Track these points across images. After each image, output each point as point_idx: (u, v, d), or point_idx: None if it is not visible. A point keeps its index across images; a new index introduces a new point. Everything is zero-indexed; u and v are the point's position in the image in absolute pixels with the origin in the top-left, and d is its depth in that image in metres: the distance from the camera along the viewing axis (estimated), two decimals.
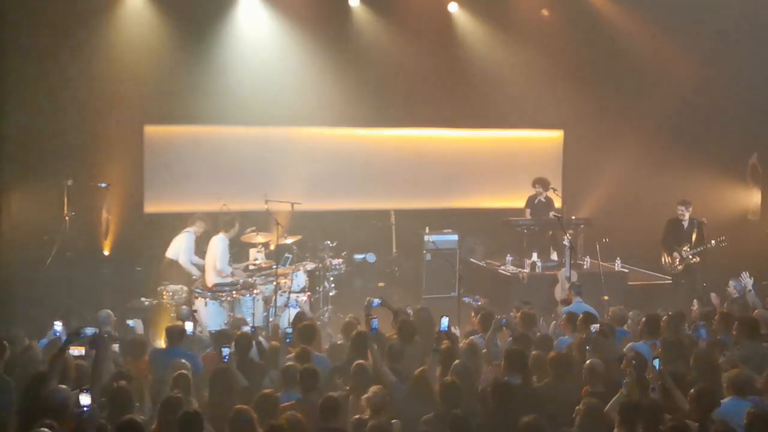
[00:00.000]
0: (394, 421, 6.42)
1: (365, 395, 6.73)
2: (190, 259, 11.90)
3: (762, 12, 13.93)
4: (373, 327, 8.34)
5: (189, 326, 8.90)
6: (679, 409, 6.69)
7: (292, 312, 11.08)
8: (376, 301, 9.06)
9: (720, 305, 10.59)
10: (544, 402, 6.99)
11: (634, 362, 6.95)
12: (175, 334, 8.46)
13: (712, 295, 11.19)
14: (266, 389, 7.02)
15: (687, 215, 12.76)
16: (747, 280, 10.50)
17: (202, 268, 11.86)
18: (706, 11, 14.07)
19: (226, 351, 7.57)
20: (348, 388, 7.38)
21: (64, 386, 6.50)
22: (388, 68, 14.66)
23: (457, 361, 7.41)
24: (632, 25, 14.88)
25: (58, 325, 8.33)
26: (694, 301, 10.81)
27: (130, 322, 10.25)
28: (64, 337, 7.89)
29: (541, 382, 7.43)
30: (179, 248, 11.87)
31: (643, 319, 8.77)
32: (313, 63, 14.19)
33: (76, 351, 7.18)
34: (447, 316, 8.13)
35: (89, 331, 7.04)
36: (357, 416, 6.64)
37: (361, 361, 7.47)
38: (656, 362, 6.87)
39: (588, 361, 7.24)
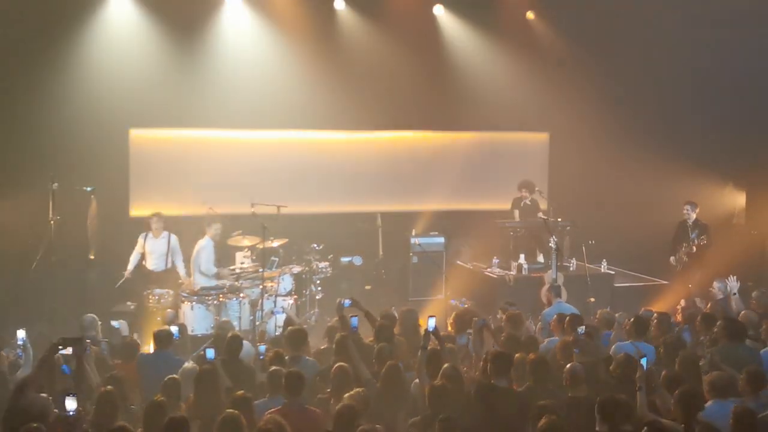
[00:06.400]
0: (377, 426, 6.41)
1: (347, 394, 6.75)
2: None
3: (749, 15, 14.03)
4: (353, 325, 8.35)
5: (175, 330, 8.88)
6: (668, 409, 6.71)
7: (279, 318, 11.06)
8: (347, 301, 9.09)
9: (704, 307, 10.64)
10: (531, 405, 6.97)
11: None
12: (164, 338, 8.44)
13: (697, 299, 11.26)
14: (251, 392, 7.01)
15: (692, 215, 12.88)
16: (733, 284, 10.55)
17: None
18: (694, 13, 14.15)
19: (210, 352, 7.55)
20: (329, 390, 7.37)
21: (43, 395, 6.47)
22: (374, 71, 14.65)
23: (446, 365, 7.41)
24: (618, 27, 14.94)
25: (21, 333, 8.08)
26: (681, 301, 10.87)
27: (114, 323, 10.21)
28: (28, 345, 7.87)
29: (521, 385, 7.43)
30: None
31: (632, 319, 8.80)
32: (299, 66, 14.17)
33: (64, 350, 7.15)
34: (434, 316, 8.13)
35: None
36: None
37: (341, 363, 7.47)
38: (643, 361, 6.85)
39: (568, 365, 7.17)
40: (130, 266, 12.00)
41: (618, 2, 14.67)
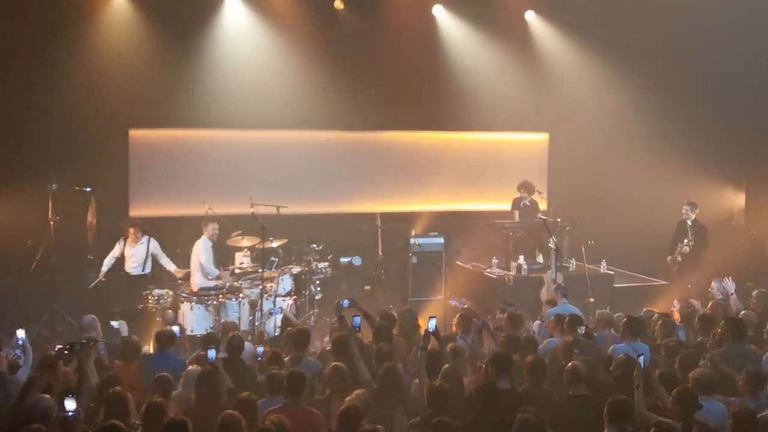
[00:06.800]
0: (378, 426, 6.41)
1: (348, 397, 6.74)
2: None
3: (755, 17, 14.03)
4: (356, 325, 8.34)
5: (176, 329, 8.90)
6: (666, 408, 6.71)
7: (278, 318, 11.05)
8: (346, 302, 9.09)
9: (702, 307, 10.63)
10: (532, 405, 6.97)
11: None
12: (165, 339, 8.43)
13: (693, 300, 11.25)
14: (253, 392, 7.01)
15: (692, 216, 12.87)
16: (729, 285, 10.57)
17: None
18: (694, 13, 14.15)
19: (211, 353, 7.54)
20: (328, 391, 7.37)
21: (47, 395, 6.48)
22: (373, 71, 14.67)
23: (446, 366, 7.41)
24: (617, 28, 14.94)
25: (21, 333, 8.03)
26: (675, 302, 10.85)
27: (114, 323, 10.20)
28: (28, 345, 7.88)
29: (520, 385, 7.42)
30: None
31: (624, 319, 8.80)
32: (298, 66, 14.20)
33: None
34: (434, 316, 8.12)
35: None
36: None
37: (336, 363, 7.47)
38: (641, 359, 6.84)
39: (569, 364, 7.19)
40: (104, 268, 11.84)
41: (617, 2, 14.68)
